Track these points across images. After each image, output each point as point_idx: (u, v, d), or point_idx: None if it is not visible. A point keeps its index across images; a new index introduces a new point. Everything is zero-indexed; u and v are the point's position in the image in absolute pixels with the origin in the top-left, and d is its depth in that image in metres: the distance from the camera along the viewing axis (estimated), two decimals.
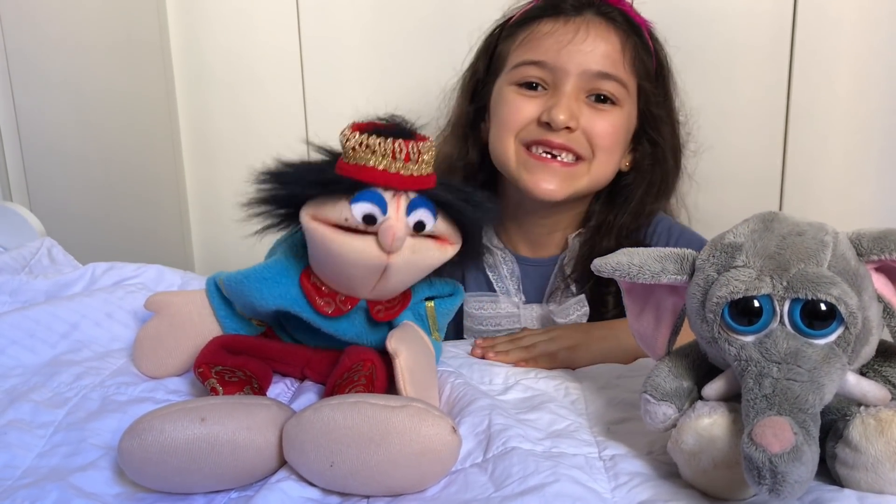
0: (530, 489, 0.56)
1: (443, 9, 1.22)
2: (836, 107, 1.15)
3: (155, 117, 1.34)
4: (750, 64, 1.17)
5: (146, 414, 0.59)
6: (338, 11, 1.27)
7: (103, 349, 0.80)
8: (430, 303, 0.77)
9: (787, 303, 0.53)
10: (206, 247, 1.43)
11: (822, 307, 0.52)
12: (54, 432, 0.66)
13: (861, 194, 1.18)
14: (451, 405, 0.70)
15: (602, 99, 0.96)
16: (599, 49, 0.96)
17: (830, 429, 0.56)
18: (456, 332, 1.03)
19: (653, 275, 0.61)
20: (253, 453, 0.59)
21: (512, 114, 0.97)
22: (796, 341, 0.53)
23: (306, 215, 0.67)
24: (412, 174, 0.66)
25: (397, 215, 0.66)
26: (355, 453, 0.56)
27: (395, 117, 0.71)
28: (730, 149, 1.18)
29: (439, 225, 0.69)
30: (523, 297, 1.04)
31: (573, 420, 0.69)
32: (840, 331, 0.53)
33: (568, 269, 1.02)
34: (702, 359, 0.61)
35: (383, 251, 0.66)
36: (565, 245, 1.04)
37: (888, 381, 0.57)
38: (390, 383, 0.69)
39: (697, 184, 1.10)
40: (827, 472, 0.56)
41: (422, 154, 0.66)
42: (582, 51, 0.95)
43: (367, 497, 0.58)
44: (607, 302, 0.98)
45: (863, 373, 0.58)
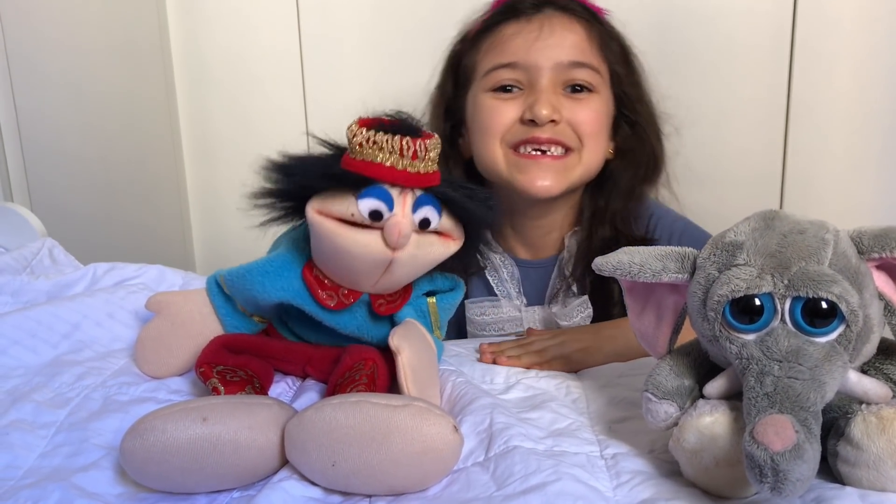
0: (532, 488, 0.56)
1: (442, 9, 1.22)
2: (836, 106, 1.15)
3: (155, 117, 1.34)
4: (750, 63, 1.17)
5: (148, 414, 0.59)
6: (338, 11, 1.27)
7: (105, 349, 0.80)
8: (431, 299, 0.77)
9: (789, 301, 0.53)
10: (206, 246, 1.43)
11: (824, 305, 0.52)
12: (56, 432, 0.66)
13: (861, 192, 1.18)
14: (453, 404, 0.70)
15: (579, 88, 0.97)
16: (567, 40, 0.96)
17: (832, 427, 0.56)
18: (459, 338, 1.03)
19: (654, 273, 0.61)
20: (255, 453, 0.59)
21: (493, 119, 0.97)
22: (797, 339, 0.53)
23: (312, 209, 0.67)
24: (419, 171, 0.66)
25: (403, 212, 0.66)
26: (357, 453, 0.56)
27: (402, 113, 0.71)
28: (730, 148, 1.19)
29: (443, 221, 0.69)
30: (525, 300, 1.04)
31: (574, 419, 0.69)
32: (841, 329, 0.53)
33: (567, 268, 1.02)
34: (703, 357, 0.61)
35: (388, 247, 0.66)
36: (562, 245, 1.04)
37: (889, 379, 0.57)
38: (392, 382, 0.69)
39: (698, 183, 1.10)
40: (828, 470, 0.56)
41: (428, 151, 0.66)
42: (551, 45, 0.96)
43: (369, 496, 0.58)
44: (612, 294, 0.98)
45: (864, 371, 0.58)
